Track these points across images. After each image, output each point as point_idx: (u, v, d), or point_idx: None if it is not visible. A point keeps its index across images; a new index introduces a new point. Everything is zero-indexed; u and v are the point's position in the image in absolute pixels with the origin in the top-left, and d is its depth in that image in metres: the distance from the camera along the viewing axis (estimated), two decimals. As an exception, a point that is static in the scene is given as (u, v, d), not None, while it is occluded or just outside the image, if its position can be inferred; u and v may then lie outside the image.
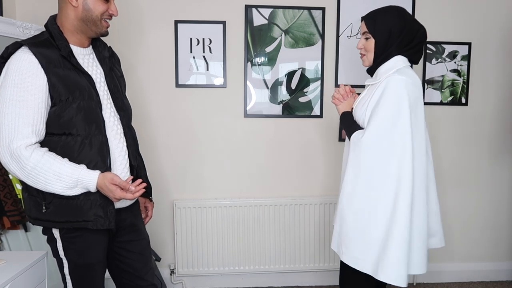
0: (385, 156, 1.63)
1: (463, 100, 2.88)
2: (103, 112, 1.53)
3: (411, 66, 1.77)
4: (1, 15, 2.35)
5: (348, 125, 1.81)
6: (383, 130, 1.63)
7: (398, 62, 1.70)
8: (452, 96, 2.87)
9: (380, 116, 1.63)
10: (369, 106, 1.69)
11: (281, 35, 2.72)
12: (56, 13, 1.54)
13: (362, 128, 1.73)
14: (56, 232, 1.51)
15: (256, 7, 2.69)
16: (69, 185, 1.42)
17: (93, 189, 1.45)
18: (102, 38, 1.65)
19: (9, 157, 1.40)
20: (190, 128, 2.76)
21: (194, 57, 2.69)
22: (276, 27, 2.71)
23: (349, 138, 1.78)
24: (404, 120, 1.61)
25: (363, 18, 1.78)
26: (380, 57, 1.73)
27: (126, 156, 1.61)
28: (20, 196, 2.17)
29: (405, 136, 1.62)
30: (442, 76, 2.84)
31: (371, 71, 1.82)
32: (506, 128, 2.93)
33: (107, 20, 1.55)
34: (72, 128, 1.46)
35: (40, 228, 1.60)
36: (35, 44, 1.43)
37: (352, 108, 1.86)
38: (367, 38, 1.75)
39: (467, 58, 2.84)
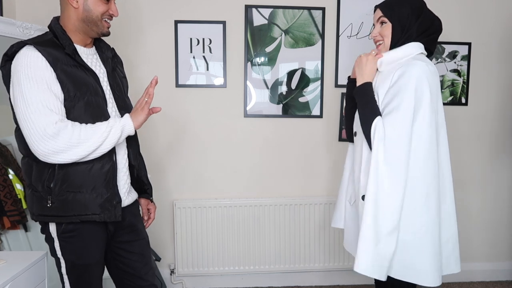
0: (408, 153, 1.51)
1: (463, 100, 2.88)
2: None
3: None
4: (1, 15, 2.35)
5: (365, 101, 1.61)
6: (405, 124, 1.50)
7: (414, 48, 1.60)
8: (452, 96, 2.87)
9: (401, 107, 1.50)
10: (388, 94, 1.56)
11: (281, 35, 2.72)
12: (59, 15, 1.56)
13: (379, 112, 1.57)
14: (53, 232, 1.51)
15: (256, 7, 2.69)
16: (116, 137, 1.48)
17: (133, 131, 1.52)
18: (105, 39, 1.67)
19: (50, 139, 1.38)
20: (190, 128, 2.76)
21: (194, 57, 2.69)
22: (276, 27, 2.71)
23: (362, 120, 1.60)
24: (424, 114, 1.51)
25: (377, 6, 1.68)
26: (398, 43, 1.62)
27: (126, 156, 1.63)
28: (20, 196, 2.17)
29: (425, 132, 1.52)
30: (442, 76, 2.83)
31: None
32: (506, 128, 2.93)
33: (108, 20, 1.57)
34: (81, 122, 1.47)
35: (40, 228, 1.60)
36: (40, 43, 1.45)
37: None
38: (382, 23, 1.65)
39: (467, 58, 2.84)
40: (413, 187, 1.54)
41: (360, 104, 1.63)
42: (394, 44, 1.64)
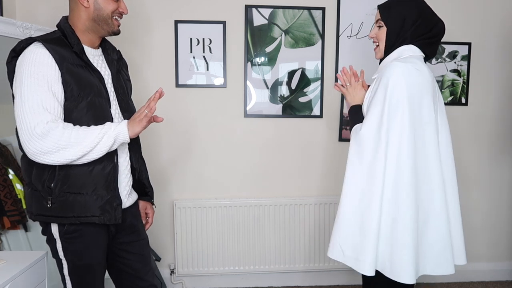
0: (383, 152, 1.54)
1: (463, 100, 2.88)
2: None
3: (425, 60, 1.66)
4: (1, 15, 2.35)
5: (355, 119, 1.71)
6: (379, 124, 1.54)
7: (405, 51, 1.61)
8: (452, 96, 2.87)
9: (376, 108, 1.55)
10: (369, 99, 1.63)
11: (281, 35, 2.72)
12: (67, 15, 1.56)
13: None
14: (55, 233, 1.51)
15: (256, 7, 2.69)
16: (108, 144, 1.45)
17: (128, 140, 1.48)
18: (108, 39, 1.67)
19: (38, 139, 1.37)
20: (190, 128, 2.76)
21: (194, 57, 2.69)
22: (276, 27, 2.71)
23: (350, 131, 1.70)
24: (401, 112, 1.52)
25: (378, 7, 1.69)
26: (392, 48, 1.64)
27: (128, 158, 1.63)
28: (20, 196, 2.17)
29: (402, 130, 1.52)
30: (442, 76, 2.84)
31: None
32: (506, 128, 2.93)
33: (118, 19, 1.58)
34: (82, 123, 1.47)
35: (40, 228, 1.60)
36: (48, 40, 1.45)
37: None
38: (379, 27, 1.66)
39: (467, 58, 2.84)
40: (392, 182, 1.54)
41: (352, 119, 1.74)
42: (389, 48, 1.65)
